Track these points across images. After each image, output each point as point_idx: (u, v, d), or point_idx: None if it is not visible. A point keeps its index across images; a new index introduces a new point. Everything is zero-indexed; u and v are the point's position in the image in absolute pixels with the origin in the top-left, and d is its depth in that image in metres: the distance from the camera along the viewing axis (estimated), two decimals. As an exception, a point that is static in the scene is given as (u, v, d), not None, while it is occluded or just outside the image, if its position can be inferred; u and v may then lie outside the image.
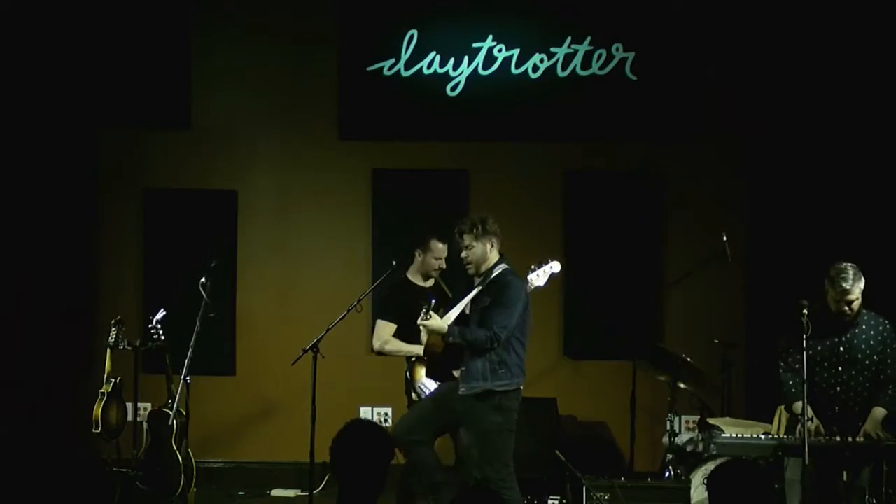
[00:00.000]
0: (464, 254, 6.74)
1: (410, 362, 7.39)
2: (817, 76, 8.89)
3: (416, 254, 7.63)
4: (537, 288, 6.95)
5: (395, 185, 9.27)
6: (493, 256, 6.75)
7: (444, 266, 7.57)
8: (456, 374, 6.77)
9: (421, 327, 6.74)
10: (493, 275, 6.71)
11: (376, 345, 7.59)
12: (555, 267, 7.03)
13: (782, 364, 6.78)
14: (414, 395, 7.35)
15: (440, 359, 6.82)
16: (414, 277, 7.66)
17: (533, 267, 6.97)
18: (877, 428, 6.58)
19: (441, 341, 6.71)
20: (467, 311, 6.76)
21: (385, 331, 7.52)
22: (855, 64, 8.85)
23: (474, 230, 6.67)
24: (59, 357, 8.93)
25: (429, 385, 7.20)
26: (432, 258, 7.56)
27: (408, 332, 7.24)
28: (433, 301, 6.81)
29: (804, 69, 8.90)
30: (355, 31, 9.23)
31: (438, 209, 8.90)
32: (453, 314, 6.76)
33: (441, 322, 6.66)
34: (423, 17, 9.18)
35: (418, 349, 7.09)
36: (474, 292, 6.73)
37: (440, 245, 7.55)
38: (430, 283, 7.66)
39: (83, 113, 9.13)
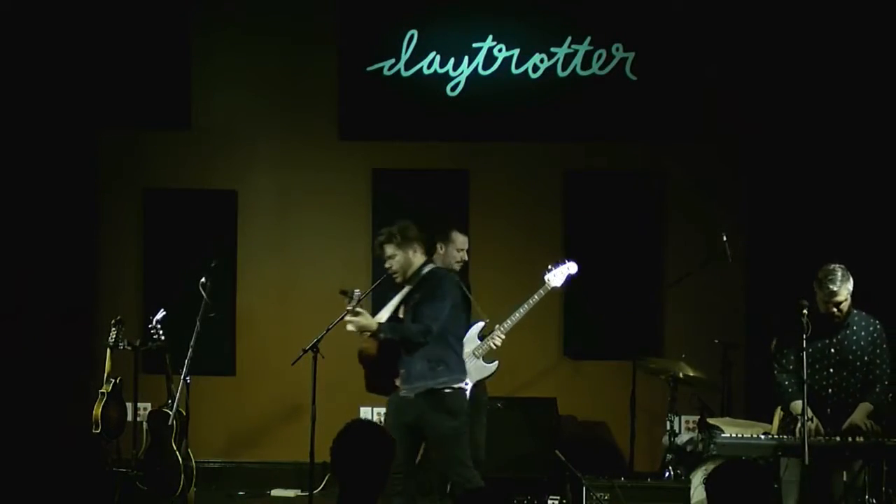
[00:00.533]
0: (387, 263, 6.74)
1: None
2: (817, 76, 8.89)
3: (438, 247, 7.49)
4: (554, 288, 6.91)
5: (395, 185, 9.27)
6: (418, 260, 6.74)
7: (467, 258, 7.52)
8: (397, 381, 6.67)
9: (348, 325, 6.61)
10: (423, 273, 6.72)
11: None
12: (571, 268, 6.98)
13: (776, 365, 6.77)
14: None
15: (379, 361, 6.64)
16: None
17: (550, 267, 6.93)
18: (865, 420, 6.58)
19: (374, 344, 6.63)
20: (400, 314, 6.72)
21: None
22: (854, 64, 8.85)
23: (393, 240, 6.69)
24: (59, 357, 8.92)
25: None
26: (455, 250, 7.47)
27: None
28: (358, 293, 6.66)
29: (804, 69, 8.90)
30: (355, 31, 9.23)
31: (438, 209, 8.89)
32: (383, 315, 6.71)
33: (369, 318, 6.61)
34: (423, 17, 9.18)
35: None
36: (403, 292, 6.73)
37: (462, 236, 7.51)
38: None
39: (83, 113, 9.13)
